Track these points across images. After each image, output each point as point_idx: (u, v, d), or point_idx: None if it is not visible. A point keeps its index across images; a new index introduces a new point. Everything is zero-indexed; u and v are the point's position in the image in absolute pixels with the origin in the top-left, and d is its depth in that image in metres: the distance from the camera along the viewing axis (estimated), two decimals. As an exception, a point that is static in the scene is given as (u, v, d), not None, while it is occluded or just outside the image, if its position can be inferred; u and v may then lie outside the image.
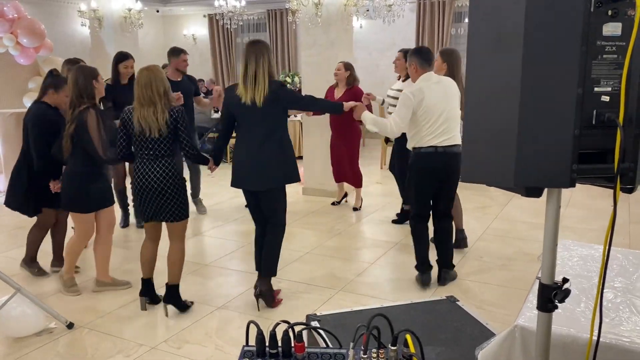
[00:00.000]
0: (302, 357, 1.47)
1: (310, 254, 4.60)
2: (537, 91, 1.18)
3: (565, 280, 1.37)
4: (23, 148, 3.94)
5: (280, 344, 1.49)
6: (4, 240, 5.12)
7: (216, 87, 5.53)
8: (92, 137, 3.46)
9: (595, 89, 1.20)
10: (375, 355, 1.41)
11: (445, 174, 3.67)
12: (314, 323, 2.23)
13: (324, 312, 2.38)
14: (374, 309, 2.37)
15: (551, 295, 1.36)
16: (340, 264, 4.38)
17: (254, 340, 1.51)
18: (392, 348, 1.41)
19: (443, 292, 3.67)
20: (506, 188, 1.32)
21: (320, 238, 5.02)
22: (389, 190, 5.73)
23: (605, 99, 1.21)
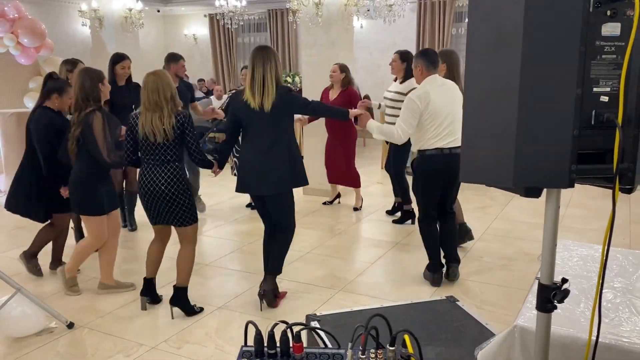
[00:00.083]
0: (301, 358, 1.47)
1: (311, 253, 4.60)
2: (536, 91, 1.18)
3: (565, 280, 1.37)
4: (27, 152, 3.92)
5: (278, 344, 1.49)
6: (4, 240, 5.13)
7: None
8: (97, 140, 3.45)
9: (594, 89, 1.20)
10: (373, 355, 1.41)
11: (451, 175, 3.66)
12: (314, 323, 2.23)
13: (323, 312, 2.38)
14: (374, 309, 2.37)
15: (550, 295, 1.35)
16: (340, 264, 4.38)
17: (252, 341, 1.51)
18: (391, 348, 1.41)
19: (443, 292, 3.67)
20: (505, 188, 1.32)
21: (321, 238, 5.02)
22: (390, 191, 5.72)
23: (604, 99, 1.21)
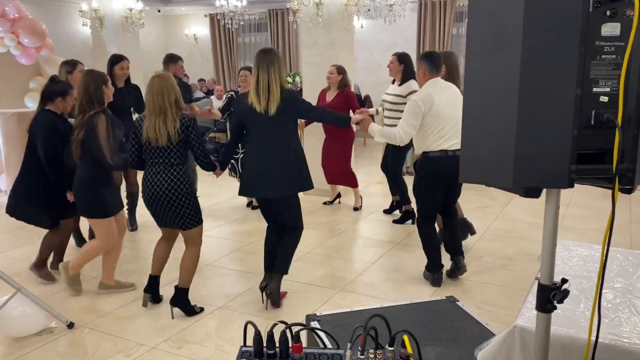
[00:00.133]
0: (300, 358, 1.47)
1: (311, 253, 4.60)
2: (536, 91, 1.18)
3: (564, 280, 1.37)
4: (26, 158, 3.89)
5: (277, 345, 1.49)
6: (4, 240, 5.13)
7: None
8: (101, 142, 3.45)
9: (594, 90, 1.20)
10: (372, 355, 1.41)
11: (454, 177, 3.64)
12: (314, 323, 2.23)
13: (323, 312, 2.38)
14: (374, 309, 2.37)
15: (550, 295, 1.35)
16: (341, 264, 4.38)
17: (251, 341, 1.51)
18: (390, 349, 1.41)
19: (443, 292, 3.67)
20: (505, 188, 1.31)
21: (321, 238, 5.02)
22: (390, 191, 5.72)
23: (604, 99, 1.21)
